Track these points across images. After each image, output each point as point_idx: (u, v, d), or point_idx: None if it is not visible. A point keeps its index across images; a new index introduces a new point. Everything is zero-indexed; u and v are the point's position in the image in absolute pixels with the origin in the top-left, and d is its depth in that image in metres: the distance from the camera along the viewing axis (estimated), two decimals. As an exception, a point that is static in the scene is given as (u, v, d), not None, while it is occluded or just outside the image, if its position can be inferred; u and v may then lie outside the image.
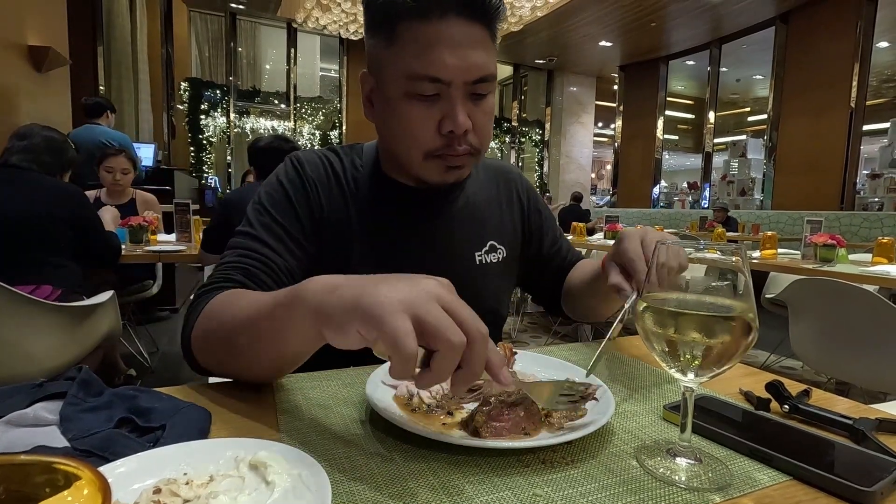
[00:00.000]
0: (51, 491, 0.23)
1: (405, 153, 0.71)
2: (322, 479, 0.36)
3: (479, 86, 0.67)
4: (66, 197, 1.92)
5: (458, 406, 0.54)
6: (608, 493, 0.40)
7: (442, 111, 0.67)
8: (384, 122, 0.73)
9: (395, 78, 0.67)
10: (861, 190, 7.06)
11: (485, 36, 0.67)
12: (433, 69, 0.64)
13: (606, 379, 0.62)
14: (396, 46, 0.66)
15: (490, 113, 0.71)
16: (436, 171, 0.72)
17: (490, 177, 0.92)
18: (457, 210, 0.84)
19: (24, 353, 1.58)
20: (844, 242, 2.54)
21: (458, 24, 0.64)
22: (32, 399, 0.46)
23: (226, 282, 0.67)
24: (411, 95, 0.66)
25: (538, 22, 7.76)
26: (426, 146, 0.69)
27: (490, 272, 0.85)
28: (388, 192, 0.80)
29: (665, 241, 0.46)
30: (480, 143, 0.71)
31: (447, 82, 0.65)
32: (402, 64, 0.65)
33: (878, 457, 0.44)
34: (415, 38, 0.64)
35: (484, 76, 0.66)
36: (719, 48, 8.77)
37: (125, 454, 0.39)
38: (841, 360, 1.91)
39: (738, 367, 0.73)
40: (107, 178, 2.91)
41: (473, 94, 0.67)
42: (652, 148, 10.00)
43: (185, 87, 8.22)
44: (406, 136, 0.69)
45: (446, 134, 0.67)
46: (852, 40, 6.67)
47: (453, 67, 0.64)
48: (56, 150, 2.03)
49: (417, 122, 0.67)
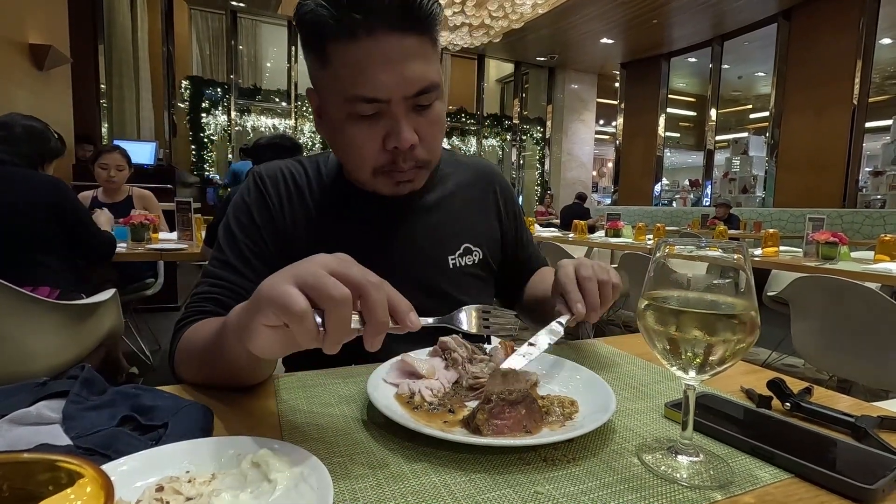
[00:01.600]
0: (54, 489, 0.23)
1: (354, 169, 0.72)
2: (324, 476, 0.36)
3: (422, 97, 0.65)
4: (47, 188, 1.85)
5: (461, 404, 0.54)
6: (609, 491, 0.40)
7: (385, 128, 0.65)
8: (332, 138, 0.72)
9: (334, 100, 0.66)
10: (863, 187, 7.04)
11: (422, 44, 0.64)
12: (369, 90, 0.62)
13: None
14: (330, 69, 0.64)
15: (437, 122, 0.69)
16: (386, 186, 0.72)
17: (472, 178, 0.90)
18: (426, 213, 0.83)
19: (27, 351, 1.58)
20: (847, 240, 2.53)
21: (389, 39, 0.61)
22: (35, 397, 0.46)
23: (198, 314, 0.69)
24: (353, 116, 0.65)
25: (539, 19, 7.74)
26: (372, 163, 0.68)
27: (466, 274, 0.84)
28: (353, 200, 0.79)
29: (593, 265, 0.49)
30: (429, 154, 0.71)
31: (385, 100, 0.63)
32: (338, 86, 0.64)
33: (879, 454, 0.44)
34: (345, 60, 0.62)
35: (424, 87, 0.64)
36: (721, 45, 8.73)
37: (128, 452, 0.39)
38: (843, 358, 1.91)
39: (740, 364, 0.73)
40: (102, 175, 2.92)
41: (417, 107, 0.66)
42: (653, 145, 9.98)
43: (186, 85, 8.21)
44: (352, 154, 0.69)
45: (391, 150, 0.67)
46: (855, 37, 6.64)
47: (389, 85, 0.62)
48: (36, 139, 1.95)
49: (360, 141, 0.66)
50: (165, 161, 6.67)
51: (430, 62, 0.65)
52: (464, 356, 0.63)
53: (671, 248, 0.45)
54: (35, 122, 2.00)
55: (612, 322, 4.35)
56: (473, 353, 0.64)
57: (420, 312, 0.54)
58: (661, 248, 0.45)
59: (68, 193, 1.93)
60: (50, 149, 2.03)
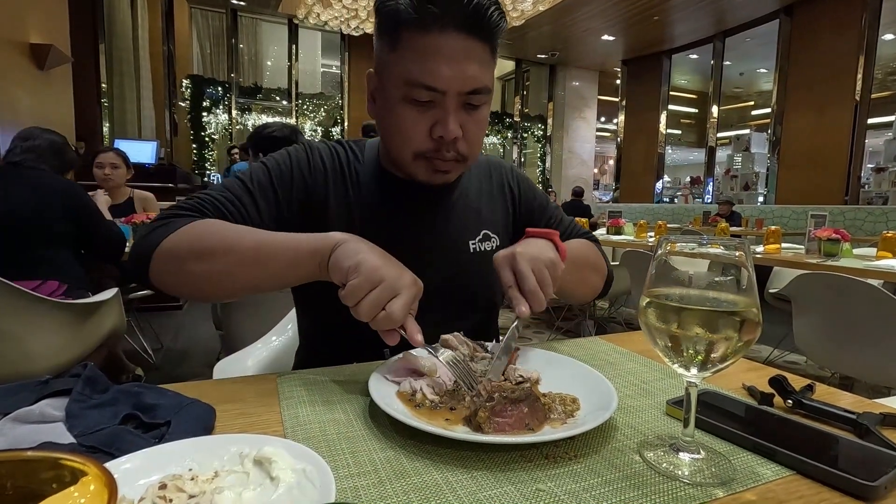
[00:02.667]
0: (57, 487, 0.23)
1: (397, 150, 0.75)
2: (326, 474, 0.36)
3: (473, 97, 0.70)
4: (70, 193, 1.97)
5: (461, 403, 0.54)
6: (611, 488, 0.40)
7: (435, 117, 0.70)
8: (382, 119, 0.76)
9: (395, 81, 0.70)
10: (866, 184, 7.02)
11: (483, 50, 0.69)
12: (429, 78, 0.67)
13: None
14: (398, 52, 0.69)
15: (482, 124, 0.74)
16: (423, 171, 0.75)
17: (481, 171, 0.95)
18: (451, 201, 0.87)
19: (30, 350, 1.59)
20: (849, 237, 2.52)
21: (457, 38, 0.67)
22: (38, 396, 0.46)
23: (195, 211, 0.72)
24: (408, 99, 0.69)
25: (540, 16, 7.72)
26: (416, 147, 0.72)
27: (484, 260, 0.86)
28: (386, 185, 0.83)
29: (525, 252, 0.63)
30: (469, 151, 0.74)
31: (442, 91, 0.68)
32: (402, 69, 0.68)
33: (881, 451, 0.44)
34: (415, 47, 0.67)
35: (478, 88, 0.69)
36: (723, 42, 8.70)
37: (131, 450, 0.39)
38: (845, 355, 1.91)
39: (742, 361, 0.72)
40: (98, 175, 2.99)
41: (467, 105, 0.71)
42: (655, 143, 9.96)
43: (187, 84, 8.21)
44: (399, 136, 0.73)
45: (436, 139, 0.71)
46: (857, 33, 6.61)
47: (448, 78, 0.67)
48: (58, 151, 2.09)
49: (410, 124, 0.71)
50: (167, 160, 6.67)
51: (487, 68, 0.71)
52: (465, 354, 0.63)
53: (673, 245, 0.44)
54: (55, 135, 2.13)
55: (613, 319, 4.35)
56: (475, 351, 0.64)
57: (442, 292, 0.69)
58: (662, 245, 0.45)
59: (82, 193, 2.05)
60: (69, 160, 2.16)
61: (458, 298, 0.83)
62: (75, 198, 1.98)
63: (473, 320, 0.86)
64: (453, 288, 0.81)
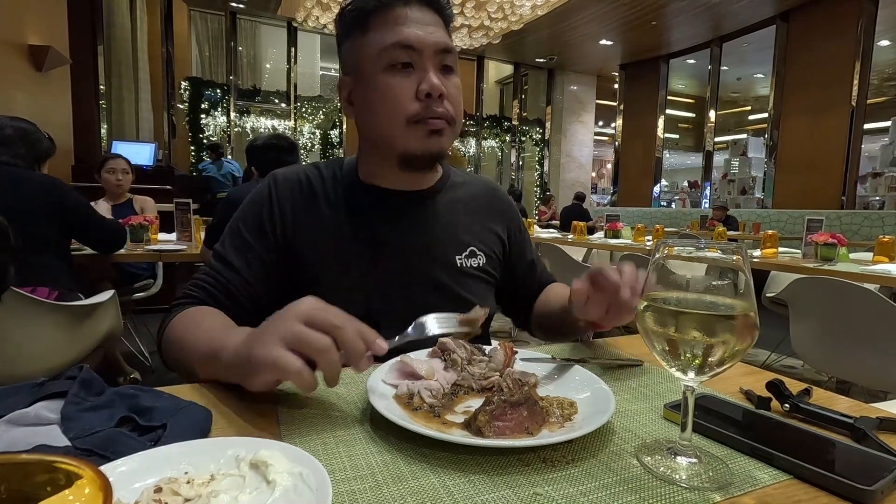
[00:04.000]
0: (52, 490, 0.23)
1: (387, 124, 0.76)
2: (323, 477, 0.36)
3: (447, 56, 0.76)
4: (47, 188, 1.83)
5: (454, 409, 0.54)
6: (608, 492, 0.40)
7: (418, 78, 0.74)
8: (365, 104, 0.79)
9: (371, 58, 0.75)
10: (862, 188, 7.05)
11: (441, 22, 0.78)
12: (403, 38, 0.73)
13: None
14: (370, 35, 0.76)
15: (459, 89, 0.79)
16: (418, 138, 0.76)
17: (479, 189, 0.96)
18: (437, 213, 0.87)
19: (25, 352, 1.58)
20: (845, 241, 2.53)
21: (420, 10, 0.76)
22: (33, 398, 0.46)
23: (189, 298, 0.77)
24: (387, 67, 0.74)
25: (538, 20, 7.75)
26: (406, 112, 0.74)
27: (470, 275, 0.88)
28: (367, 198, 0.84)
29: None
30: (455, 112, 0.78)
31: (418, 50, 0.74)
32: (376, 43, 0.75)
33: (878, 456, 0.44)
34: (385, 21, 0.75)
35: (448, 47, 0.76)
36: (720, 47, 8.75)
37: (126, 453, 0.39)
38: (842, 359, 1.91)
39: (739, 365, 0.73)
40: (110, 180, 3.04)
41: (443, 67, 0.76)
42: (652, 147, 9.99)
43: (186, 86, 8.21)
44: (387, 106, 0.75)
45: (423, 99, 0.74)
46: (853, 38, 6.65)
47: (420, 37, 0.74)
48: (29, 140, 1.93)
49: (396, 89, 0.74)
50: (164, 162, 6.66)
51: (448, 37, 0.79)
52: (463, 357, 0.63)
53: (670, 249, 0.45)
54: (24, 123, 1.97)
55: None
56: (473, 354, 0.64)
57: (427, 306, 0.67)
58: (660, 249, 0.45)
59: (68, 190, 1.92)
60: (43, 149, 2.01)
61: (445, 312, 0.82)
62: (58, 194, 1.83)
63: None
64: (440, 301, 0.81)
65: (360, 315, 0.52)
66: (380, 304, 0.79)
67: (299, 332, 0.48)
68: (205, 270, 0.80)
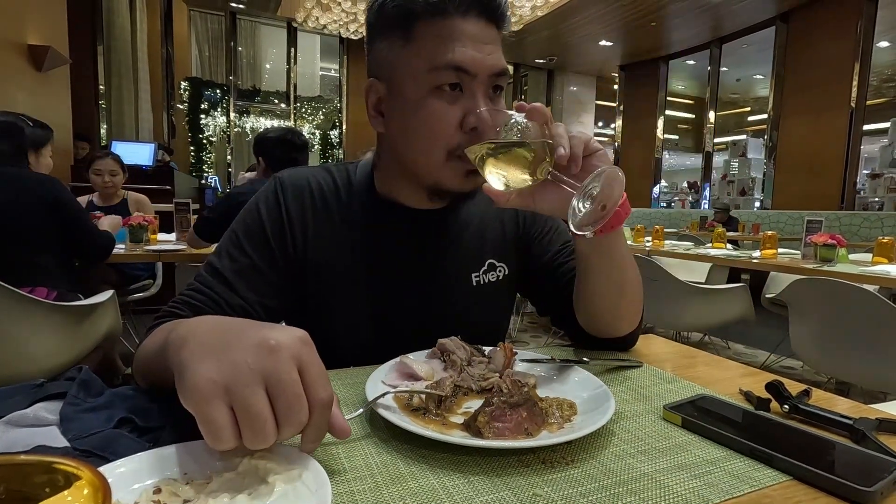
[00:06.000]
0: (51, 491, 0.23)
1: (424, 153, 0.68)
2: (322, 479, 0.36)
3: (501, 78, 0.67)
4: (41, 186, 1.79)
5: (455, 410, 0.54)
6: (608, 493, 0.40)
7: (465, 108, 0.65)
8: (401, 125, 0.69)
9: (416, 74, 0.65)
10: (861, 190, 7.06)
11: (498, 37, 0.68)
12: (459, 59, 0.63)
13: None
14: (415, 44, 0.65)
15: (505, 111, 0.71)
16: (454, 176, 0.68)
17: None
18: (452, 229, 0.80)
19: (24, 352, 1.58)
20: (845, 242, 2.53)
21: (478, 23, 0.66)
22: (32, 399, 0.46)
23: (171, 316, 0.66)
24: (433, 90, 0.65)
25: (538, 21, 7.75)
26: (448, 144, 0.66)
27: (487, 292, 0.82)
28: (381, 214, 0.77)
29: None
30: None
31: (472, 74, 0.64)
32: (423, 59, 0.64)
33: (878, 457, 0.44)
34: (436, 33, 0.64)
35: (504, 69, 0.68)
36: (720, 48, 8.76)
37: (125, 454, 0.39)
38: (841, 360, 1.91)
39: (738, 366, 0.73)
40: (97, 182, 2.93)
41: (494, 87, 0.68)
42: (652, 147, 10.00)
43: (185, 86, 8.21)
44: (428, 134, 0.66)
45: (468, 132, 0.65)
46: (853, 40, 6.66)
47: (477, 61, 0.64)
48: (9, 132, 1.83)
49: (440, 115, 0.65)
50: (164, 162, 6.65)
51: (502, 54, 0.69)
52: (463, 358, 0.63)
53: None
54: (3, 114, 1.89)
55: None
56: (472, 356, 0.64)
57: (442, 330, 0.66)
58: None
59: (64, 190, 1.88)
60: (28, 139, 1.90)
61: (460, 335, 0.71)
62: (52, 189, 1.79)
63: None
64: (455, 325, 0.73)
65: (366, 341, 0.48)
66: (389, 331, 0.75)
67: (246, 395, 0.36)
68: (193, 285, 0.70)
